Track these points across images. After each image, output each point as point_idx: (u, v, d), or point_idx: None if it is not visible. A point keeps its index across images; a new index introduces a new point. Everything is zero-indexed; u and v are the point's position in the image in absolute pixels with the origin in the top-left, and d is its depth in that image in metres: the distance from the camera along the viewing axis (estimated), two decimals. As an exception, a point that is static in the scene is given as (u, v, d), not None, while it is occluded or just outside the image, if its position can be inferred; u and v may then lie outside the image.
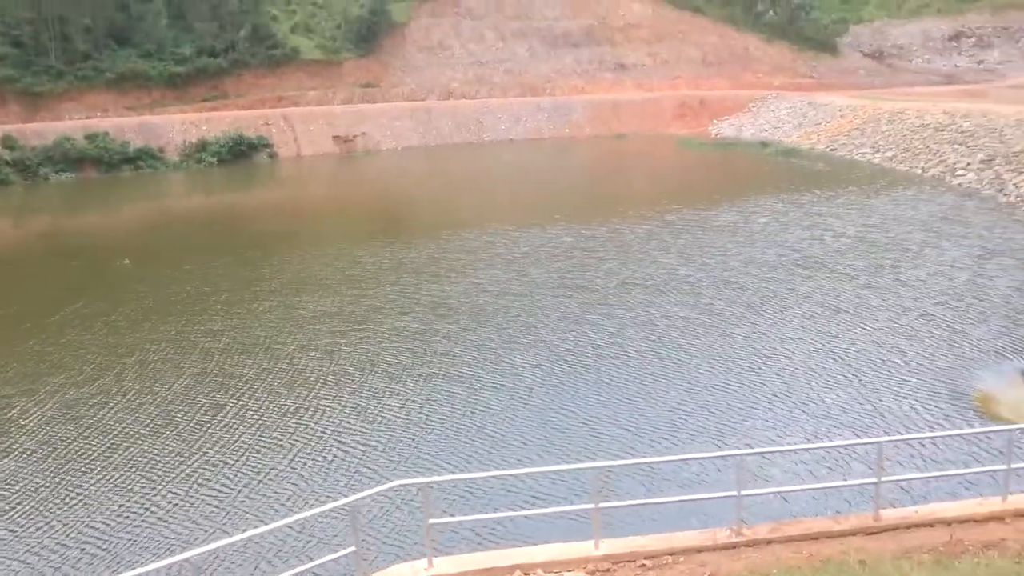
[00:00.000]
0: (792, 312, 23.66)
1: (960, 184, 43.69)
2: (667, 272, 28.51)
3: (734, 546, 9.17)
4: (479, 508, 13.40)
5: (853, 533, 9.38)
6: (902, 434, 14.99)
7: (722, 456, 10.20)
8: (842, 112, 66.97)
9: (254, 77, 76.24)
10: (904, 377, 18.63)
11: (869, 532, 9.37)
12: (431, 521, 8.67)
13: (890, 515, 9.65)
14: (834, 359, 19.89)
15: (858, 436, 15.26)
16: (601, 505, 8.94)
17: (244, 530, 9.17)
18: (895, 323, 22.26)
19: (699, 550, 9.10)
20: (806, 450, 14.49)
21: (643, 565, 8.82)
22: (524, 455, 15.43)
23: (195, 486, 14.95)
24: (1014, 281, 25.61)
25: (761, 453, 13.66)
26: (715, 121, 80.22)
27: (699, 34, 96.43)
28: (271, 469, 15.47)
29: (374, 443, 16.38)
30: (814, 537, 9.30)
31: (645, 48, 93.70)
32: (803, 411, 17.04)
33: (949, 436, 14.42)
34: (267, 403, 18.57)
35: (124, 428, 17.43)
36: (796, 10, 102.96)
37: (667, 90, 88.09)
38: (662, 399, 17.93)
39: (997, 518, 9.50)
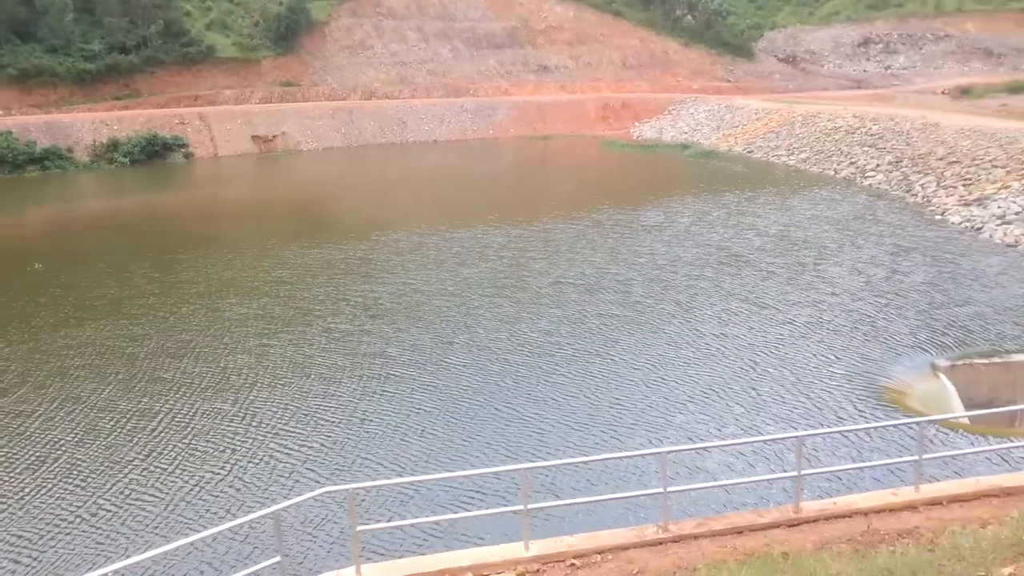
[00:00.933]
0: (718, 308, 24.14)
1: (870, 185, 45.40)
2: (598, 271, 28.78)
3: (661, 542, 9.23)
4: (412, 512, 13.23)
5: (776, 526, 9.55)
6: (821, 428, 15.42)
7: (649, 454, 10.30)
8: (758, 115, 68.86)
9: (168, 75, 73.91)
10: (824, 372, 19.18)
11: (791, 524, 9.56)
12: (359, 528, 8.49)
13: (810, 507, 9.87)
14: (758, 355, 20.34)
15: (780, 430, 15.64)
16: (531, 506, 8.89)
17: (166, 542, 8.80)
18: (815, 319, 22.93)
19: (627, 548, 9.13)
20: (730, 445, 14.75)
21: (572, 565, 8.80)
22: (463, 455, 15.33)
23: (124, 496, 14.36)
24: (925, 277, 26.69)
25: (685, 450, 13.87)
26: (637, 123, 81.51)
27: (620, 37, 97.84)
28: (201, 477, 14.97)
29: (308, 447, 16.02)
30: (739, 531, 9.43)
31: (567, 50, 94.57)
32: (729, 406, 17.37)
33: (865, 429, 14.88)
34: (197, 408, 18.01)
35: (50, 438, 16.66)
36: (713, 15, 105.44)
37: (589, 92, 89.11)
38: (597, 397, 18.04)
39: (911, 507, 9.82)
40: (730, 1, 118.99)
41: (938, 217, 36.33)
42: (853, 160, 50.32)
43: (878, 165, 47.53)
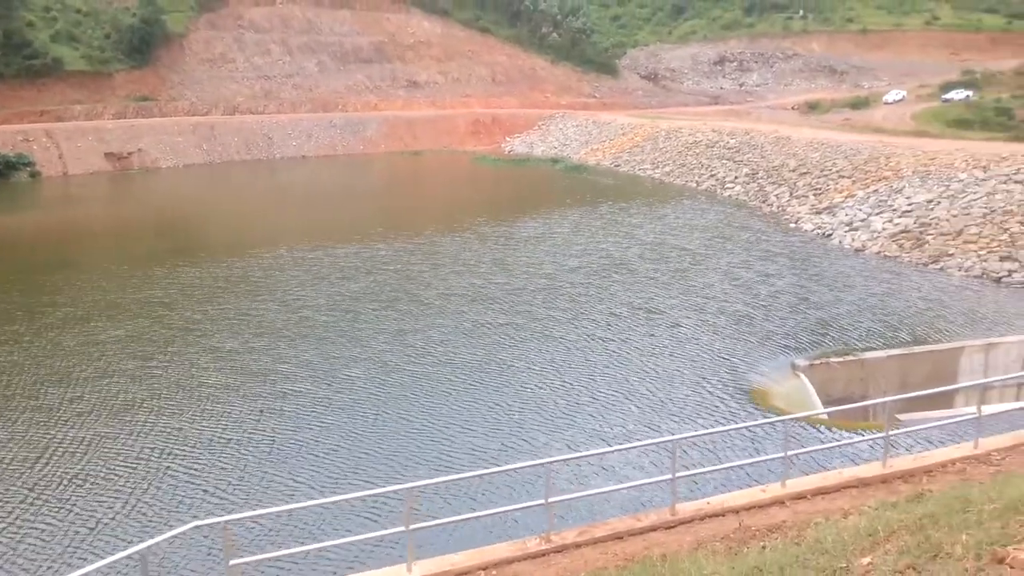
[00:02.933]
0: (602, 315, 24.66)
1: (730, 196, 47.64)
2: (484, 281, 28.95)
3: (544, 554, 9.24)
4: (291, 541, 12.73)
5: (654, 528, 9.73)
6: (694, 431, 15.91)
7: (532, 465, 10.32)
8: (624, 130, 71.10)
9: (10, 89, 69.10)
10: (698, 376, 19.83)
11: (668, 526, 9.77)
12: (232, 562, 8.05)
13: (686, 508, 10.12)
14: (637, 361, 20.84)
15: (659, 434, 16.02)
16: (414, 526, 8.70)
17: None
18: (689, 325, 23.74)
19: (511, 561, 9.08)
20: (610, 452, 14.98)
21: (457, 583, 8.68)
22: (349, 475, 14.88)
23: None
24: (783, 283, 28.14)
25: (567, 459, 13.97)
26: (508, 138, 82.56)
27: (488, 54, 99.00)
28: (73, 508, 13.91)
29: (188, 474, 15.15)
30: (619, 536, 9.55)
31: (436, 66, 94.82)
32: (610, 412, 17.67)
33: (734, 429, 15.46)
34: (75, 435, 16.83)
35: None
36: (578, 33, 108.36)
37: (459, 107, 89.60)
38: (486, 408, 18.03)
39: (779, 502, 10.24)
40: (594, 20, 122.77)
41: (792, 225, 38.49)
42: (713, 172, 52.68)
43: (736, 177, 49.96)
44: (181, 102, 77.65)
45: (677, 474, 9.93)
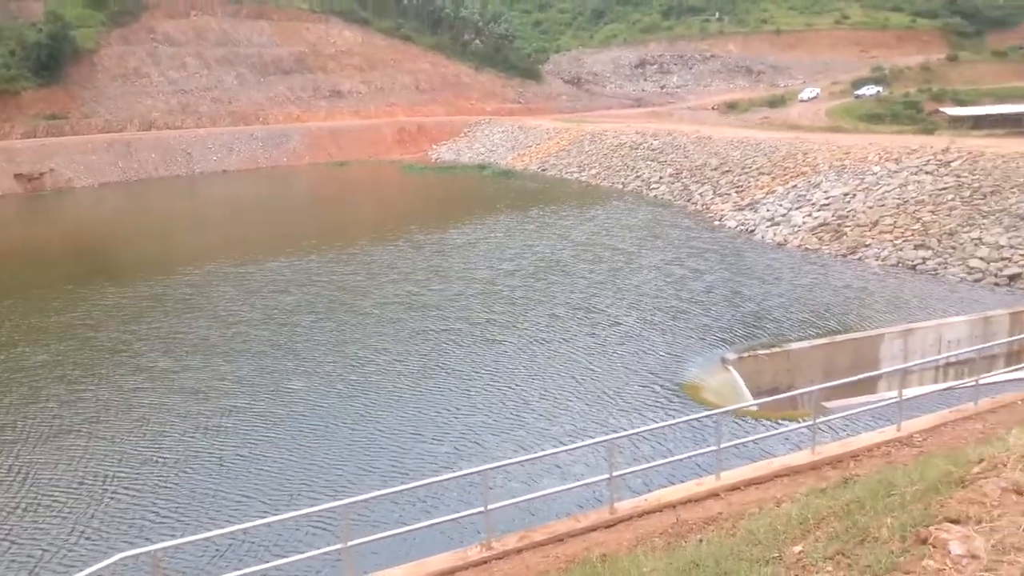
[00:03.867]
0: (534, 316, 24.74)
1: (656, 196, 48.42)
2: (421, 288, 28.82)
3: (485, 561, 9.20)
4: (225, 566, 12.36)
5: (594, 528, 9.79)
6: (629, 429, 16.05)
7: (471, 473, 10.25)
8: (549, 135, 71.65)
9: (-92, 109, 66.02)
10: (632, 374, 20.03)
11: (608, 525, 9.84)
12: (161, 592, 7.78)
13: (625, 506, 10.22)
14: (575, 361, 20.95)
15: (598, 433, 16.11)
16: (352, 543, 8.56)
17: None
18: (622, 322, 23.97)
19: (452, 572, 9.02)
20: (548, 455, 15.00)
21: (397, 597, 8.57)
22: (285, 494, 14.54)
23: None
24: (711, 279, 28.67)
25: (506, 465, 13.93)
26: (434, 146, 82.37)
27: (411, 62, 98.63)
28: (2, 543, 13.25)
29: (129, 498, 14.60)
30: (560, 539, 9.58)
31: (359, 75, 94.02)
32: (549, 414, 17.69)
33: (668, 426, 15.65)
34: (2, 463, 16.16)
35: None
36: (501, 40, 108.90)
37: (384, 117, 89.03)
38: (426, 417, 17.86)
39: (714, 495, 10.42)
40: (515, 26, 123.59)
41: (717, 222, 39.32)
42: (639, 174, 53.50)
43: (661, 177, 50.83)
44: (94, 119, 75.17)
45: (614, 473, 10.01)
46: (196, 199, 60.44)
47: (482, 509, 9.23)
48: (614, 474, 9.97)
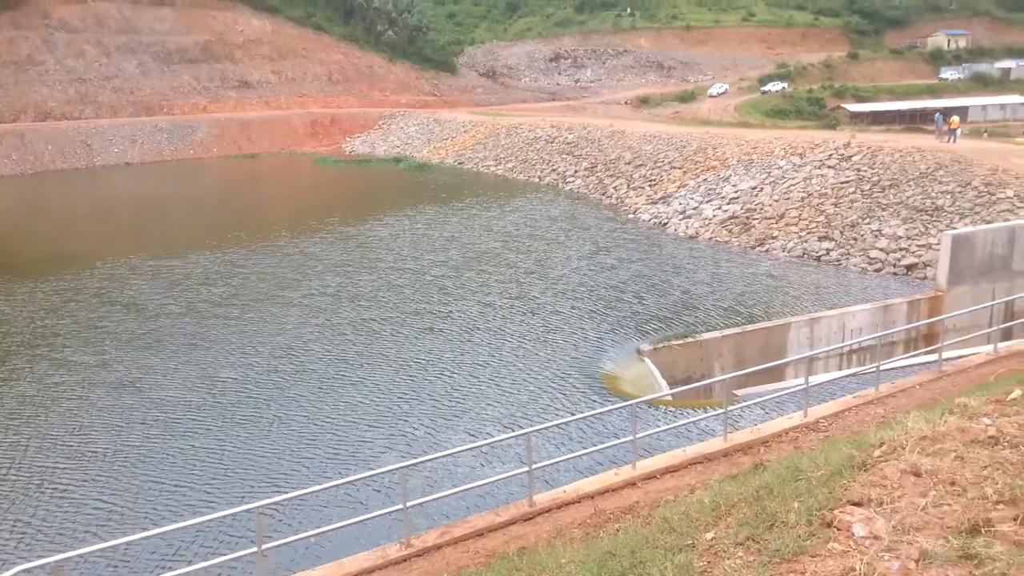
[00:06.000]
0: (456, 310, 24.68)
1: (571, 189, 48.90)
2: (347, 280, 28.60)
3: (405, 559, 9.12)
4: (143, 573, 11.93)
5: (513, 522, 9.81)
6: (547, 422, 16.16)
7: (387, 471, 10.10)
8: (465, 128, 71.47)
9: None
10: (552, 366, 20.17)
11: (527, 518, 9.88)
12: (63, 606, 7.43)
13: (544, 498, 10.28)
14: (496, 354, 21.02)
15: (518, 427, 16.17)
16: (267, 546, 8.35)
17: None
18: (539, 314, 24.15)
19: (371, 571, 8.90)
20: (468, 449, 14.97)
21: (315, 599, 8.41)
22: (197, 497, 14.08)
23: None
24: (626, 272, 29.12)
25: (424, 461, 13.84)
26: (348, 138, 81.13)
27: (323, 52, 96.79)
28: None
29: (44, 502, 13.90)
30: (480, 533, 9.57)
31: (268, 65, 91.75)
32: (465, 411, 17.67)
33: (586, 417, 15.83)
34: None
35: None
36: (414, 31, 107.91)
37: (296, 108, 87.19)
38: (347, 412, 17.65)
39: (631, 484, 10.58)
40: (429, 17, 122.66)
41: (631, 215, 39.97)
42: (555, 167, 53.90)
43: (576, 171, 51.35)
44: (-16, 109, 71.29)
45: (534, 465, 10.06)
46: (100, 192, 57.99)
47: (401, 507, 9.13)
48: (533, 467, 10.02)
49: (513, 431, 15.55)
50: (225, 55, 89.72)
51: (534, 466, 10.09)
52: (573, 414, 16.64)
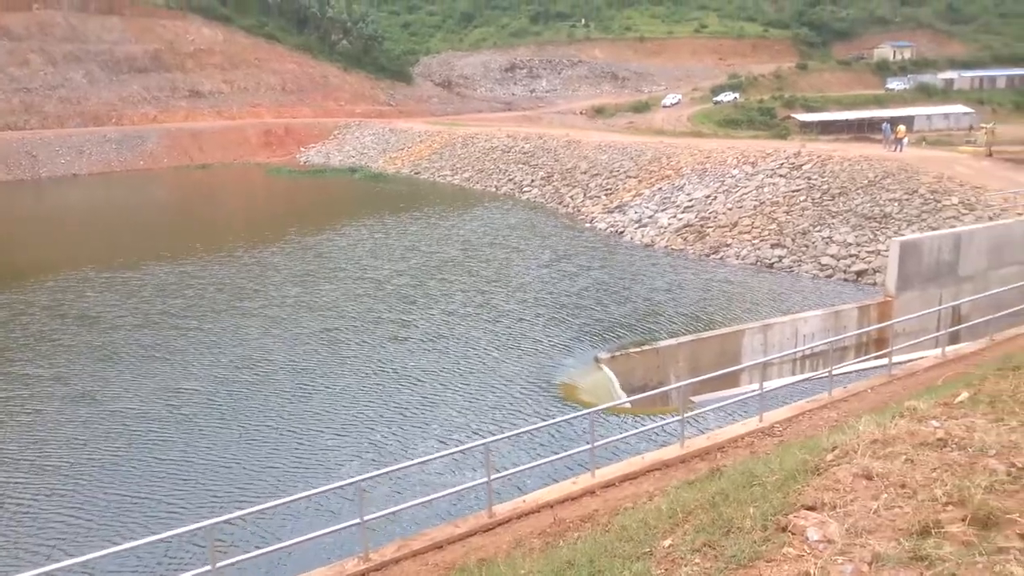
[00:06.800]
0: (416, 320, 24.54)
1: (528, 199, 49.03)
2: (307, 291, 28.31)
3: (363, 573, 9.02)
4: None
5: (473, 533, 9.76)
6: (506, 432, 16.13)
7: (344, 484, 9.96)
8: (421, 138, 71.29)
9: None
10: (511, 376, 20.13)
11: (486, 529, 9.83)
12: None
13: (503, 509, 10.24)
14: (457, 364, 20.91)
15: (477, 438, 16.09)
16: (220, 564, 8.17)
17: None
18: (499, 324, 24.10)
19: (329, 586, 8.78)
20: (425, 462, 14.86)
21: (271, 617, 8.25)
22: (147, 515, 13.75)
23: None
24: (585, 280, 29.22)
25: (381, 474, 13.71)
26: (303, 148, 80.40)
27: (277, 62, 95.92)
28: None
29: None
30: (439, 546, 9.49)
31: (220, 75, 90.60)
32: (425, 421, 17.54)
33: (544, 427, 15.83)
34: None
35: None
36: (369, 41, 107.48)
37: (249, 118, 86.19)
38: (302, 424, 17.43)
39: (590, 492, 10.60)
40: (384, 27, 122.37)
41: (588, 224, 40.20)
42: (511, 177, 54.02)
43: (533, 180, 51.53)
44: (-77, 119, 69.27)
45: (493, 476, 10.02)
46: (47, 204, 56.57)
47: (358, 520, 9.02)
48: (492, 477, 9.98)
49: (472, 441, 15.49)
50: (175, 64, 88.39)
51: (493, 476, 10.05)
52: (532, 424, 16.64)
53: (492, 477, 9.98)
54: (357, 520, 9.07)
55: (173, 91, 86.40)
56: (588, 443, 11.09)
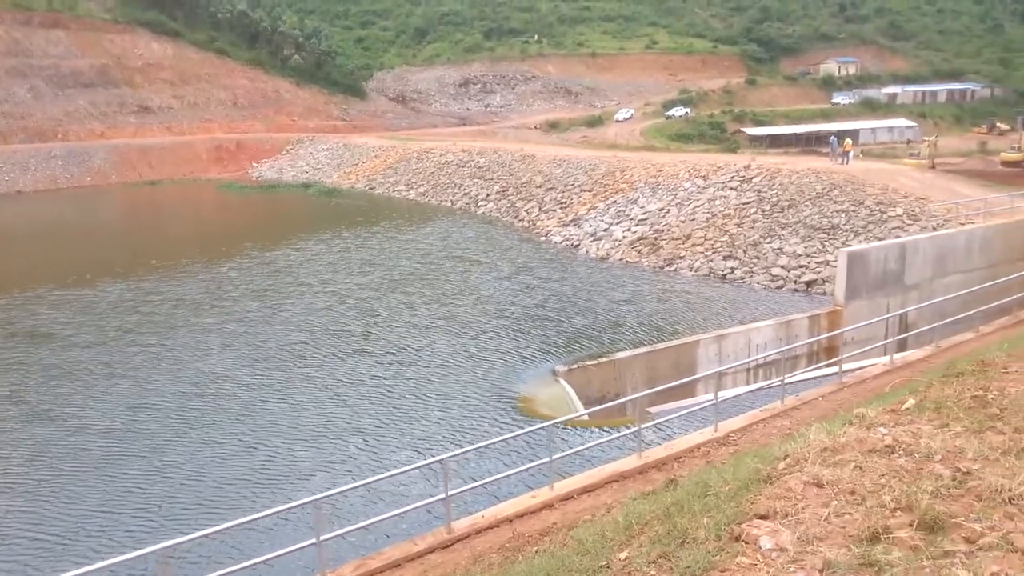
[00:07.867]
0: (373, 334, 24.41)
1: (484, 213, 49.10)
2: (265, 307, 28.11)
3: (320, 595, 8.89)
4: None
5: (431, 550, 9.68)
6: (463, 447, 16.06)
7: (301, 504, 9.79)
8: (376, 153, 71.01)
9: None
10: (468, 390, 20.09)
11: (445, 546, 9.77)
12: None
13: (462, 525, 10.19)
14: (414, 379, 20.82)
15: (434, 453, 15.99)
16: (171, 589, 7.99)
17: None
18: (456, 338, 24.06)
19: (285, 609, 8.63)
20: (380, 480, 14.72)
21: (225, 641, 8.09)
22: (97, 541, 13.40)
23: None
24: (542, 294, 29.31)
25: (337, 493, 13.53)
26: (255, 164, 79.50)
27: (227, 77, 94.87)
28: None
29: None
30: (396, 564, 9.40)
31: (170, 90, 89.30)
32: (383, 436, 17.41)
33: (502, 441, 15.81)
34: None
35: None
36: (322, 56, 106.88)
37: (199, 133, 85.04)
38: (260, 444, 17.18)
39: (548, 506, 10.59)
40: (337, 42, 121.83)
41: (543, 238, 40.38)
42: (467, 191, 54.06)
43: (488, 195, 51.62)
44: None
45: (450, 491, 9.96)
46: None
47: (314, 541, 8.90)
48: (450, 493, 9.93)
49: (431, 456, 15.40)
50: (124, 79, 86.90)
51: (451, 492, 10.00)
52: (490, 438, 16.59)
53: (450, 493, 9.93)
54: (313, 540, 8.95)
55: (121, 106, 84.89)
56: (546, 456, 11.10)
